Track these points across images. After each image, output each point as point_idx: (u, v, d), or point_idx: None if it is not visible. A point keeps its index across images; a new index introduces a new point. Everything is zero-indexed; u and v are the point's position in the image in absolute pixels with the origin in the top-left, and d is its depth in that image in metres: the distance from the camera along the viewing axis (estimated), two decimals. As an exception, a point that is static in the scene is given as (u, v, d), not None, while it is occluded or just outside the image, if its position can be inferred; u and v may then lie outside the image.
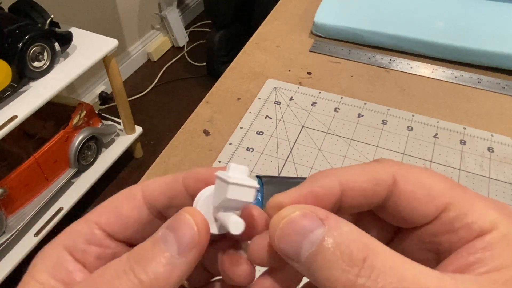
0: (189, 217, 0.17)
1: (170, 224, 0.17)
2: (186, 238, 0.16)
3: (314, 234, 0.15)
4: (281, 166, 0.44)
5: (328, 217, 0.15)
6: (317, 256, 0.15)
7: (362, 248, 0.14)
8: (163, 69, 1.99)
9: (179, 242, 0.16)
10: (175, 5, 2.08)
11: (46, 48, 1.02)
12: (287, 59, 0.59)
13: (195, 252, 0.16)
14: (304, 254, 0.15)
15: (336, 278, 0.14)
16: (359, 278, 0.14)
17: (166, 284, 0.16)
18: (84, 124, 1.23)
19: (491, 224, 0.15)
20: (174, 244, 0.16)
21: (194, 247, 0.16)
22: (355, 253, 0.14)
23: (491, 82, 0.54)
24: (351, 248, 0.14)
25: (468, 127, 0.48)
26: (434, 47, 0.57)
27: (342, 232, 0.15)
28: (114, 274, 0.16)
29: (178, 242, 0.16)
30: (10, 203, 1.07)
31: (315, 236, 0.15)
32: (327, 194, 0.17)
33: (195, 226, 0.16)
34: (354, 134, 0.47)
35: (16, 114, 0.95)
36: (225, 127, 0.49)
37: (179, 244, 0.16)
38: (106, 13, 1.72)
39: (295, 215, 0.16)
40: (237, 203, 0.17)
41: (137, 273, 0.15)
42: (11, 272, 1.09)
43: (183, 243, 0.16)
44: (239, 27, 1.73)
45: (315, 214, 0.16)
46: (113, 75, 1.23)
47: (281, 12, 0.68)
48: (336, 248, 0.15)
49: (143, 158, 1.57)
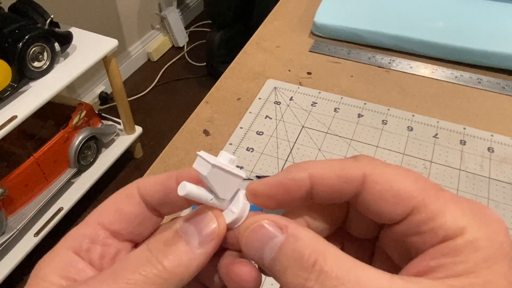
0: (210, 212, 0.18)
1: (190, 218, 0.18)
2: (207, 230, 0.18)
3: (273, 242, 0.16)
4: (281, 166, 0.44)
5: (287, 226, 0.17)
6: (275, 261, 0.16)
7: (313, 254, 0.15)
8: (163, 69, 1.99)
9: (200, 234, 0.18)
10: (175, 5, 2.08)
11: (46, 48, 1.02)
12: (287, 59, 0.59)
13: (213, 244, 0.18)
14: (266, 260, 0.17)
15: (290, 282, 0.16)
16: (308, 282, 0.15)
17: (186, 271, 0.17)
18: (84, 124, 1.23)
19: (458, 230, 0.15)
20: (195, 235, 0.18)
21: (213, 240, 0.18)
22: (306, 258, 0.15)
23: (491, 82, 0.54)
24: (304, 253, 0.16)
25: (468, 127, 0.48)
26: (434, 47, 0.57)
27: (298, 239, 0.16)
28: (137, 262, 0.17)
29: (199, 233, 0.18)
30: (10, 203, 1.07)
31: (274, 243, 0.16)
32: (296, 187, 0.18)
33: (216, 220, 0.18)
34: (354, 134, 0.47)
35: (16, 114, 0.95)
36: (225, 127, 0.49)
37: (200, 235, 0.18)
38: (106, 13, 1.72)
39: (257, 225, 0.17)
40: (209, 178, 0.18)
41: (160, 260, 0.17)
42: (11, 272, 1.09)
43: (204, 234, 0.18)
44: (239, 27, 1.73)
45: (275, 223, 0.17)
46: (113, 75, 1.23)
47: (281, 12, 0.68)
48: (291, 254, 0.16)
49: (143, 158, 1.57)
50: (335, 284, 0.15)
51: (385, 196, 0.17)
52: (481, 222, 0.16)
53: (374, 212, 0.17)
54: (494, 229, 0.15)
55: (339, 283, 0.15)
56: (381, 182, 0.17)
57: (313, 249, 0.16)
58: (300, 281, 0.15)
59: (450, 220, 0.16)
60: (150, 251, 0.17)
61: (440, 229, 0.16)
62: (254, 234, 0.17)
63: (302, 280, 0.15)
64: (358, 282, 0.14)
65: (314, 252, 0.15)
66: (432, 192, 0.17)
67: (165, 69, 1.99)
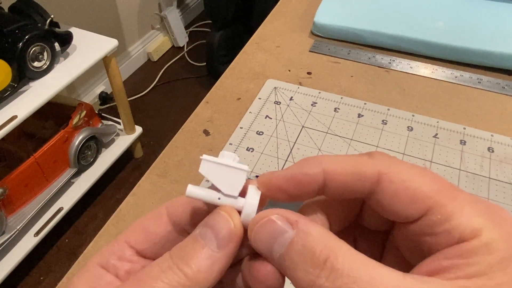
0: (224, 213, 0.18)
1: (207, 222, 0.18)
2: (224, 233, 0.17)
3: (283, 237, 0.16)
4: (281, 166, 0.44)
5: (298, 221, 0.17)
6: (285, 257, 0.16)
7: (324, 250, 0.15)
8: (163, 69, 1.99)
9: (217, 237, 0.17)
10: (175, 5, 2.08)
11: (46, 48, 1.02)
12: (287, 59, 0.59)
13: (232, 245, 0.18)
14: (276, 255, 0.16)
15: (300, 278, 0.15)
16: (319, 279, 0.15)
17: (208, 276, 0.17)
18: (84, 124, 1.23)
19: (473, 232, 0.15)
20: (213, 239, 0.17)
21: (231, 241, 0.18)
22: (317, 254, 0.15)
23: (491, 82, 0.54)
24: (315, 250, 0.15)
25: (468, 127, 0.48)
26: (434, 47, 0.57)
27: (308, 235, 0.16)
28: (159, 270, 0.17)
29: (217, 237, 0.17)
30: (10, 203, 1.07)
31: (284, 239, 0.16)
32: (309, 181, 0.18)
33: (231, 221, 0.18)
34: (354, 134, 0.47)
35: (16, 114, 0.95)
36: (225, 127, 0.49)
37: (218, 238, 0.17)
38: (106, 13, 1.72)
39: (267, 220, 0.17)
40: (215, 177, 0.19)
41: (181, 267, 0.17)
42: (11, 272, 1.09)
43: (221, 237, 0.17)
44: (239, 27, 1.73)
45: (286, 218, 0.17)
46: (113, 75, 1.23)
47: (281, 12, 0.68)
48: (302, 250, 0.16)
49: (143, 158, 1.57)
50: (347, 282, 0.14)
51: (401, 196, 0.17)
52: (496, 224, 0.15)
53: (389, 211, 0.17)
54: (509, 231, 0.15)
55: (351, 281, 0.14)
56: (396, 181, 0.17)
57: (324, 245, 0.15)
58: (311, 278, 0.15)
59: (466, 221, 0.15)
60: (171, 259, 0.17)
61: (455, 230, 0.15)
62: (263, 229, 0.17)
63: (313, 277, 0.15)
64: (370, 280, 0.14)
65: (326, 249, 0.15)
66: (448, 193, 0.16)
67: (165, 69, 1.99)
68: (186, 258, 0.17)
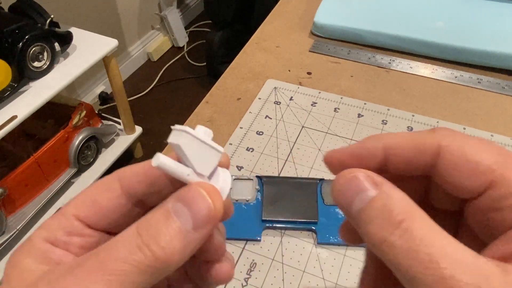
0: (204, 192, 0.17)
1: (183, 198, 0.17)
2: (202, 213, 0.16)
3: (366, 194, 0.16)
4: (281, 166, 0.44)
5: (383, 183, 0.17)
6: (364, 212, 0.16)
7: (402, 212, 0.15)
8: (163, 69, 1.99)
9: (195, 217, 0.16)
10: (175, 5, 2.08)
11: (46, 48, 1.02)
12: (287, 59, 0.59)
13: (209, 227, 0.17)
14: (355, 209, 0.17)
15: (373, 233, 0.16)
16: (392, 236, 0.15)
17: (180, 258, 0.16)
18: (84, 124, 1.23)
19: None
20: (189, 218, 0.16)
21: (209, 223, 0.17)
22: (395, 215, 0.15)
23: (491, 82, 0.54)
24: (393, 210, 0.15)
25: (468, 127, 0.48)
26: (434, 47, 0.57)
27: (390, 197, 0.16)
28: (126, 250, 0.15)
29: (194, 217, 0.16)
30: (10, 203, 1.07)
31: (366, 195, 0.16)
32: (369, 156, 0.18)
33: (211, 201, 0.17)
34: (354, 134, 0.47)
35: (16, 114, 0.95)
36: (225, 127, 0.49)
37: (195, 219, 0.16)
38: (106, 13, 1.72)
39: (353, 176, 0.17)
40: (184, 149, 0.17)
41: (151, 248, 0.15)
42: (11, 272, 1.09)
43: (199, 218, 0.16)
44: (239, 27, 1.73)
45: (372, 178, 0.17)
46: (113, 75, 1.23)
47: (281, 12, 0.68)
48: (381, 208, 0.16)
49: (143, 158, 1.57)
50: (418, 244, 0.14)
51: (461, 168, 0.16)
52: None
53: (450, 185, 0.17)
54: None
55: (422, 244, 0.14)
56: (457, 153, 0.17)
57: (403, 208, 0.15)
58: (384, 233, 0.15)
59: None
60: (140, 236, 0.16)
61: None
62: (348, 184, 0.17)
63: (386, 233, 0.15)
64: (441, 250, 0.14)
65: (404, 212, 0.15)
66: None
67: (165, 69, 1.99)
68: (157, 237, 0.15)
